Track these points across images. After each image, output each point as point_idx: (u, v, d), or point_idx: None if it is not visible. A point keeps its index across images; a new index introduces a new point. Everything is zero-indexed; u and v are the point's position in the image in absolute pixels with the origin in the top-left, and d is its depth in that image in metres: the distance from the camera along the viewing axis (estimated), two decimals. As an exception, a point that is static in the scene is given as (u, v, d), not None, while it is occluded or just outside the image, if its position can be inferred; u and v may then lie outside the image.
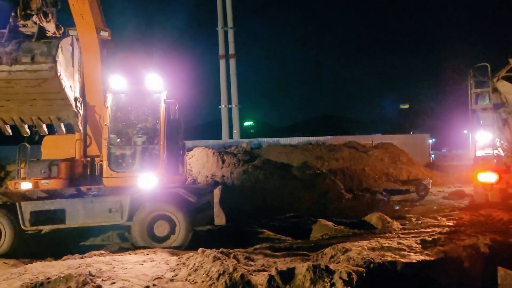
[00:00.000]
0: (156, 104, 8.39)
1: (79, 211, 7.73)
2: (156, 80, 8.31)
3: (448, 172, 21.35)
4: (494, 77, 12.47)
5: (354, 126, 62.68)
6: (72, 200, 7.88)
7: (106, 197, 7.99)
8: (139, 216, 7.77)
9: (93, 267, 5.65)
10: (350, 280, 4.78)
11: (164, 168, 8.14)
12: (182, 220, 7.78)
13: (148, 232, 7.79)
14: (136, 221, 7.76)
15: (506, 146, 12.33)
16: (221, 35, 31.24)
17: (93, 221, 7.82)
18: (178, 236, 7.78)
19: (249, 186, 14.24)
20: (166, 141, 8.21)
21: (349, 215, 11.59)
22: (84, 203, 7.81)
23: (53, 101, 7.07)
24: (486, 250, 6.30)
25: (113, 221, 7.86)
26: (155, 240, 7.77)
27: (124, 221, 7.84)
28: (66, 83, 6.90)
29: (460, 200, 13.94)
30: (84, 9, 7.94)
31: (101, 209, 7.77)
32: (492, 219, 9.87)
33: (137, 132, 8.37)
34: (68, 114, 7.31)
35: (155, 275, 5.56)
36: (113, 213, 7.77)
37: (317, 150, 22.15)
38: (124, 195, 7.84)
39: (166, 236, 7.83)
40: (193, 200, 8.13)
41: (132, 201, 7.83)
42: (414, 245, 6.65)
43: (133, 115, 8.43)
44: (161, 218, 7.85)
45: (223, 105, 31.81)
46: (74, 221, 7.74)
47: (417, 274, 5.60)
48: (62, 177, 7.88)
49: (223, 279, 5.05)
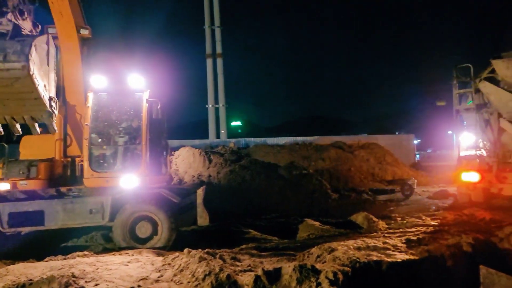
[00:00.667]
0: (138, 103, 8.28)
1: (59, 212, 7.59)
2: (138, 80, 8.22)
3: (433, 172, 21.64)
4: (477, 78, 12.68)
5: (341, 126, 63.16)
6: (51, 201, 7.73)
7: (86, 198, 7.86)
8: (120, 217, 7.66)
9: (76, 268, 5.57)
10: (336, 279, 4.81)
11: (146, 168, 8.03)
12: (164, 220, 7.70)
13: (130, 233, 7.69)
14: (118, 222, 7.65)
15: (489, 147, 12.54)
16: (208, 34, 31.12)
17: (73, 222, 7.69)
18: (161, 237, 7.70)
19: (235, 186, 14.22)
20: (149, 141, 8.12)
21: (335, 215, 11.65)
22: (63, 204, 7.67)
23: (26, 101, 6.90)
24: (469, 249, 6.40)
25: (94, 222, 7.74)
26: (138, 241, 7.68)
27: (105, 222, 7.73)
28: (40, 82, 6.73)
29: (444, 199, 14.13)
30: (63, 7, 7.80)
31: (81, 210, 7.64)
32: (475, 218, 10.03)
33: (119, 132, 8.24)
34: (42, 114, 7.14)
35: (140, 276, 5.50)
36: (94, 214, 7.65)
37: (304, 150, 22.23)
38: (106, 196, 7.73)
39: (149, 237, 7.74)
40: (176, 200, 8.05)
41: (114, 202, 7.72)
42: (399, 244, 6.72)
43: (114, 115, 8.29)
44: (143, 219, 7.76)
45: (210, 105, 31.67)
46: (53, 223, 7.61)
47: (402, 273, 5.65)
48: (41, 178, 7.72)
49: (209, 280, 5.02)
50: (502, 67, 11.80)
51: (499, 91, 11.91)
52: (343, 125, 64.52)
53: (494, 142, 12.44)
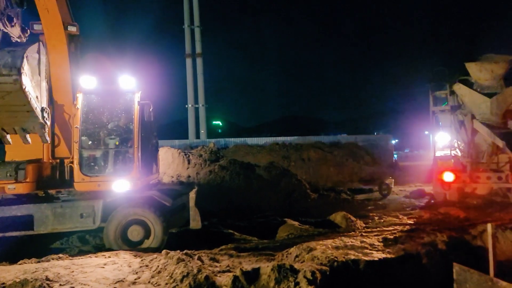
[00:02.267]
0: (130, 105, 8.03)
1: (48, 216, 7.36)
2: (129, 81, 7.97)
3: (410, 172, 22.02)
4: (451, 80, 13.00)
5: (321, 127, 63.75)
6: (40, 205, 7.45)
7: (77, 202, 7.61)
8: (112, 221, 7.48)
9: (51, 272, 5.46)
10: (314, 279, 4.84)
11: (138, 172, 7.84)
12: (156, 224, 7.54)
13: (122, 237, 7.53)
14: (110, 227, 7.48)
15: (463, 147, 12.87)
16: (187, 33, 30.86)
17: (63, 226, 7.46)
18: (153, 240, 7.55)
19: (215, 186, 14.16)
20: (141, 143, 7.93)
21: (314, 215, 11.73)
22: (53, 208, 7.42)
23: (18, 113, 6.69)
24: (444, 247, 6.55)
25: (85, 226, 7.53)
26: (130, 245, 7.52)
27: (96, 227, 7.53)
28: (32, 94, 6.52)
29: (420, 199, 14.39)
30: (50, 3, 7.56)
31: (72, 214, 7.42)
32: (449, 217, 10.26)
33: (110, 134, 8.00)
34: (34, 126, 6.95)
35: (116, 278, 5.43)
36: (85, 218, 7.43)
37: (283, 150, 22.35)
38: (97, 200, 7.52)
39: (141, 240, 7.59)
40: (168, 204, 7.88)
41: (105, 206, 7.53)
42: (376, 243, 6.81)
43: (105, 117, 8.03)
44: (135, 223, 7.58)
45: (190, 105, 31.43)
46: (43, 227, 7.37)
47: (379, 272, 5.74)
48: (29, 181, 7.45)
49: (187, 281, 4.99)
50: (475, 70, 12.13)
51: (473, 93, 12.24)
52: (322, 126, 65.09)
53: (468, 142, 12.77)
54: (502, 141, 11.51)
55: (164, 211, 7.79)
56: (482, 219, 9.75)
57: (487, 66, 11.87)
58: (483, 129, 12.14)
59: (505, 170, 12.01)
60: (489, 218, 10.07)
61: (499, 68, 11.84)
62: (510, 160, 11.87)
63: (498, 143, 11.76)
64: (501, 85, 12.04)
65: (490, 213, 10.82)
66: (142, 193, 7.81)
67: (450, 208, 11.43)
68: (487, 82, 12.11)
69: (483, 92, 12.09)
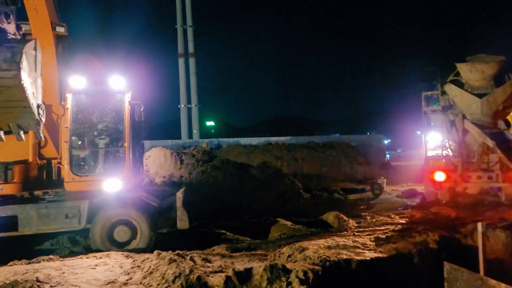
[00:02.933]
0: (120, 105, 8.04)
1: (33, 217, 7.30)
2: (118, 81, 7.95)
3: (402, 172, 22.15)
4: (443, 80, 13.10)
5: (314, 127, 63.92)
6: (24, 206, 7.40)
7: (62, 203, 7.56)
8: (98, 222, 7.43)
9: (41, 273, 5.41)
10: (306, 278, 4.85)
11: (130, 171, 7.84)
12: (143, 225, 7.50)
13: (109, 237, 7.47)
14: (95, 228, 7.42)
15: (454, 147, 12.97)
16: (180, 33, 30.76)
17: (48, 227, 7.41)
18: (140, 241, 7.52)
19: (207, 186, 14.13)
20: (131, 143, 7.95)
21: (307, 214, 11.75)
22: (38, 209, 7.37)
23: (14, 109, 6.63)
24: (435, 246, 6.59)
25: (70, 227, 7.48)
26: (117, 245, 7.48)
27: (82, 227, 7.48)
28: (29, 90, 6.48)
29: (412, 198, 14.49)
30: (39, 3, 7.53)
31: (57, 215, 7.36)
32: (441, 216, 10.33)
33: (101, 134, 7.99)
34: (29, 122, 6.87)
35: (108, 280, 5.40)
36: (70, 219, 7.39)
37: (277, 150, 22.36)
38: (82, 200, 7.48)
39: (128, 240, 7.54)
40: (155, 204, 7.86)
41: (91, 206, 7.48)
42: (368, 242, 6.84)
43: (95, 117, 8.02)
44: (122, 223, 7.55)
45: (183, 105, 31.33)
46: (27, 228, 7.31)
47: (371, 271, 5.76)
48: (16, 182, 7.40)
49: (179, 282, 4.98)
50: (466, 70, 12.24)
51: (463, 94, 12.34)
52: (316, 126, 65.25)
53: (459, 142, 12.88)
54: (492, 141, 11.62)
55: (151, 211, 7.77)
56: (473, 218, 9.83)
57: (477, 66, 11.97)
58: (473, 129, 12.25)
59: (495, 169, 12.13)
60: (479, 217, 10.15)
61: (489, 68, 11.94)
62: (500, 160, 11.97)
63: (488, 143, 11.86)
64: (491, 86, 12.15)
65: (481, 212, 10.91)
66: (128, 194, 7.77)
67: (442, 207, 11.51)
68: (477, 82, 12.21)
69: (473, 93, 12.19)
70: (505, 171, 11.87)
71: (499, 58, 12.11)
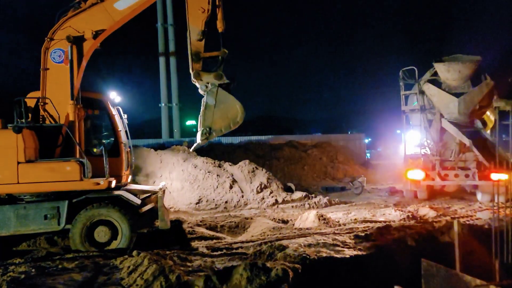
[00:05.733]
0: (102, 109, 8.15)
1: (10, 218, 7.07)
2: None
3: (382, 170, 22.44)
4: (421, 80, 13.33)
5: (295, 125, 64.17)
6: (2, 207, 7.15)
7: (41, 203, 7.31)
8: (78, 222, 7.26)
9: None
10: (286, 276, 4.85)
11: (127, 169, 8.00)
12: (124, 224, 7.33)
13: (89, 238, 7.30)
14: (75, 228, 7.25)
15: (432, 146, 13.22)
16: (160, 32, 30.38)
17: (27, 228, 7.17)
18: (120, 241, 7.36)
19: (188, 185, 14.04)
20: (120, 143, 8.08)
21: (287, 213, 11.81)
22: (15, 209, 7.14)
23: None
24: (413, 243, 6.70)
25: (49, 228, 7.26)
26: (97, 246, 7.32)
27: (61, 228, 7.27)
28: None
29: (392, 196, 14.69)
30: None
31: (35, 216, 7.15)
32: (419, 214, 10.51)
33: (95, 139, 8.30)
34: None
35: (85, 281, 5.29)
36: (49, 220, 7.17)
37: (258, 149, 22.35)
38: (61, 200, 7.27)
39: (109, 241, 7.38)
40: (137, 203, 7.73)
41: (70, 207, 7.32)
42: (348, 240, 6.90)
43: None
44: (101, 224, 7.40)
45: (163, 104, 31.00)
46: (5, 230, 7.07)
47: (350, 268, 5.81)
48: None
49: (158, 281, 4.92)
50: (443, 69, 12.48)
51: (441, 93, 12.58)
52: (297, 125, 65.55)
53: (437, 141, 13.13)
54: (469, 139, 11.89)
55: (131, 211, 7.62)
56: (450, 216, 10.05)
57: (455, 66, 12.23)
58: (451, 128, 12.50)
59: (472, 168, 12.41)
60: (456, 215, 10.38)
61: (466, 68, 12.21)
62: (476, 158, 12.26)
63: (465, 142, 12.13)
64: (468, 85, 12.42)
65: (458, 209, 11.15)
66: (109, 193, 7.60)
67: (420, 205, 11.72)
68: (455, 82, 12.46)
69: (451, 92, 12.44)
70: (481, 169, 12.16)
71: (476, 58, 12.38)
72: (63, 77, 7.49)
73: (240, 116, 7.77)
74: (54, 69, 7.56)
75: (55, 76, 7.55)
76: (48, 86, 7.55)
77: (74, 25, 7.55)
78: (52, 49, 7.54)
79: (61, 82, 7.49)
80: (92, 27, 7.57)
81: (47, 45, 7.51)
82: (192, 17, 7.56)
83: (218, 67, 7.65)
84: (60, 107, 7.46)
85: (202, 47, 7.60)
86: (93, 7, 7.58)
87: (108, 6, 7.58)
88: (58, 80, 7.53)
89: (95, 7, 7.58)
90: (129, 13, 7.74)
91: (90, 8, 7.58)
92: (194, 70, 7.58)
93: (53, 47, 7.54)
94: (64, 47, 7.53)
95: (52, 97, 7.48)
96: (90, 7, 7.57)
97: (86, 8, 7.57)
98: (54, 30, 7.53)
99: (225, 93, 7.73)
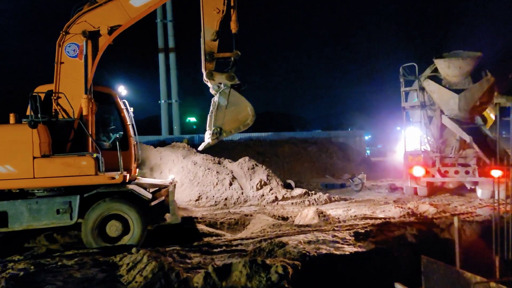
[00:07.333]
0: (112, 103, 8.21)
1: (23, 213, 7.06)
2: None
3: (382, 167, 22.43)
4: (421, 76, 13.28)
5: (296, 123, 64.14)
6: (14, 201, 7.13)
7: (53, 198, 7.28)
8: (90, 217, 7.24)
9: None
10: (286, 273, 4.84)
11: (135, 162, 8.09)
12: (135, 219, 7.31)
13: (100, 233, 7.27)
14: (87, 222, 7.23)
15: (432, 142, 13.18)
16: (160, 28, 30.30)
17: (39, 223, 7.15)
18: (132, 236, 7.34)
19: (187, 182, 14.03)
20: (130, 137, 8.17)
21: (287, 210, 11.80)
22: (28, 204, 7.11)
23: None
24: (413, 240, 6.69)
25: (61, 223, 7.22)
26: (108, 241, 7.29)
27: (74, 223, 7.24)
28: None
29: (392, 193, 14.67)
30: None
31: (47, 211, 7.12)
32: (419, 210, 10.49)
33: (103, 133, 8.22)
34: None
35: (85, 278, 5.29)
36: (61, 214, 7.14)
37: (258, 146, 22.34)
38: (74, 195, 7.24)
39: (120, 236, 7.36)
40: (148, 197, 7.70)
41: (83, 201, 7.27)
42: (348, 237, 6.89)
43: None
44: (113, 218, 7.37)
45: (163, 100, 30.94)
46: (17, 224, 7.05)
47: (350, 265, 5.80)
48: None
49: (157, 278, 4.91)
50: (444, 66, 12.42)
51: (441, 89, 12.53)
52: (297, 122, 65.52)
53: (437, 138, 13.10)
54: (469, 136, 11.84)
55: (143, 205, 7.60)
56: (450, 212, 10.03)
57: (455, 62, 12.16)
58: (451, 125, 12.46)
59: (472, 164, 12.39)
60: (456, 211, 10.37)
61: (466, 64, 12.14)
62: (477, 155, 12.23)
63: (465, 138, 12.09)
64: (468, 82, 12.36)
65: (458, 206, 11.13)
66: (120, 188, 7.57)
67: (420, 202, 11.71)
68: (455, 78, 12.41)
69: (451, 88, 12.39)
70: (481, 166, 12.13)
71: (476, 54, 12.32)
72: (78, 71, 7.49)
73: (250, 118, 7.73)
74: (69, 63, 7.53)
75: (69, 70, 7.54)
76: (61, 80, 7.52)
77: (89, 20, 7.50)
78: (67, 43, 7.51)
79: (75, 76, 7.49)
80: (108, 22, 7.53)
81: (62, 39, 7.48)
82: (207, 17, 7.52)
83: (230, 68, 7.62)
84: (74, 102, 7.44)
85: (216, 47, 7.57)
86: (109, 3, 7.54)
87: (124, 2, 7.55)
88: (73, 74, 7.52)
89: (111, 3, 7.54)
90: (145, 10, 7.72)
91: (106, 4, 7.54)
92: (207, 70, 7.54)
93: (68, 41, 7.51)
94: (79, 42, 7.50)
95: (65, 91, 7.46)
96: (106, 2, 7.53)
97: (102, 4, 7.53)
98: (69, 24, 7.49)
99: (237, 94, 7.68)
